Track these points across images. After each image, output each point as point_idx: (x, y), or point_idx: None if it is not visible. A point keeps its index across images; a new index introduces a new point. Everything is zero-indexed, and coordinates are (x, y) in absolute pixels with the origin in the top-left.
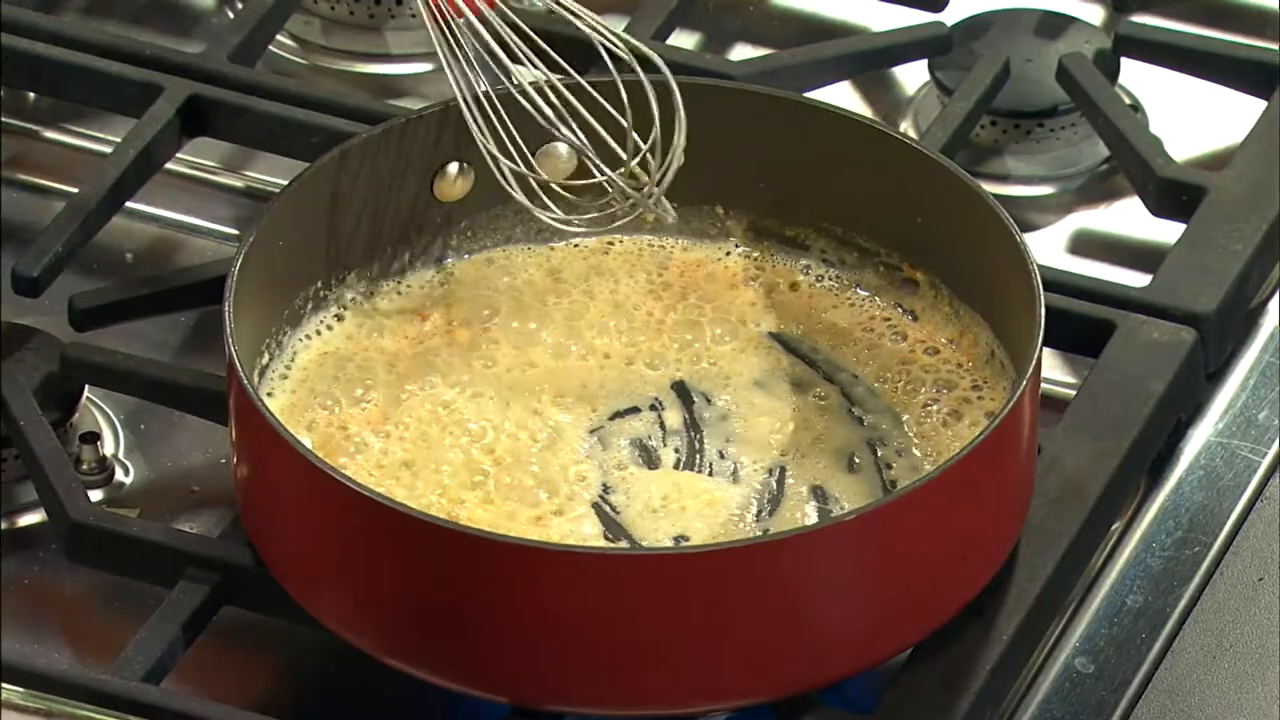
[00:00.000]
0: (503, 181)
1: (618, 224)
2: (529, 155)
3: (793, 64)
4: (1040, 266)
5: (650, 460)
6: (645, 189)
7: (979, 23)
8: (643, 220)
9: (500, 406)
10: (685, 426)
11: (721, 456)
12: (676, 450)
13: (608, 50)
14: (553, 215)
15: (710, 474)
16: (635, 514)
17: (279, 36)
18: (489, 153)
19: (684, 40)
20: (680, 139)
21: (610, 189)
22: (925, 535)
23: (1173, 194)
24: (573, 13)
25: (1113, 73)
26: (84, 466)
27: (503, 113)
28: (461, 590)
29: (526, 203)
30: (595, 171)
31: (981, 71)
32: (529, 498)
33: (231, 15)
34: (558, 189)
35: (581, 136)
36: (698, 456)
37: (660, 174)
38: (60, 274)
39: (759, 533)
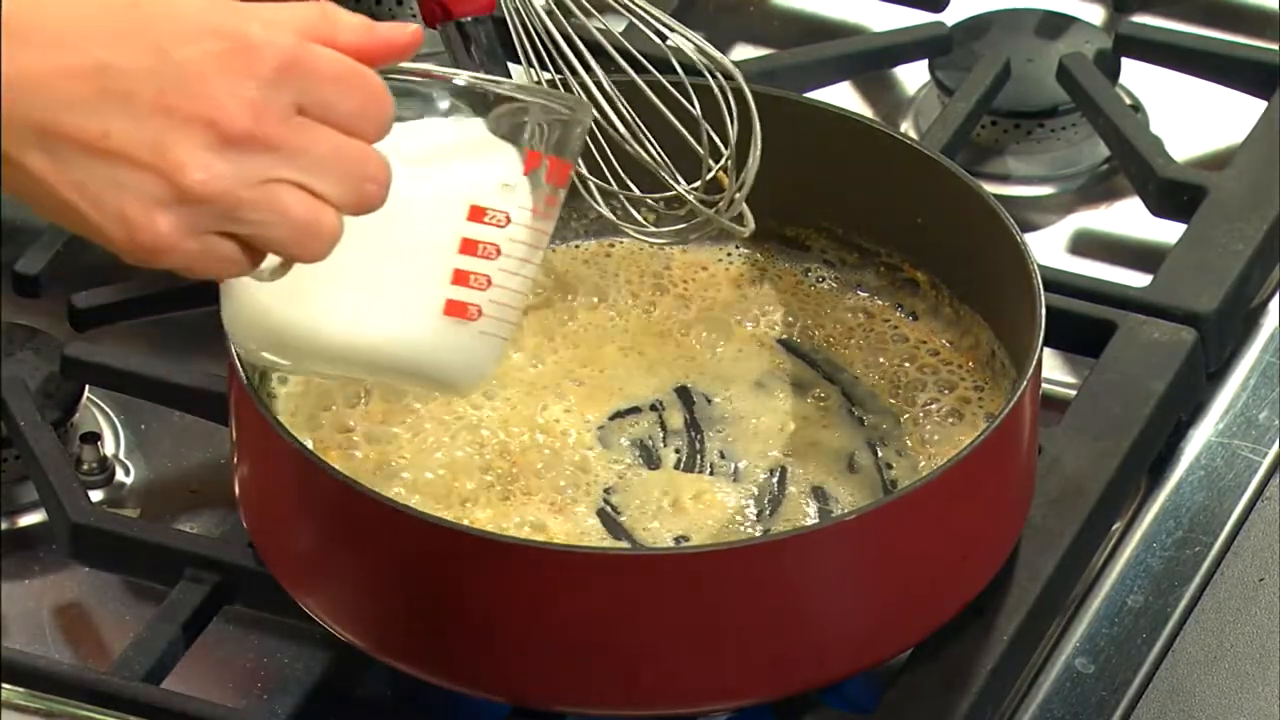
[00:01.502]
0: (588, 198)
1: (697, 235)
2: (619, 170)
3: (793, 64)
4: (1041, 266)
5: (651, 461)
6: (722, 201)
7: (979, 23)
8: (716, 230)
9: (502, 407)
10: (686, 427)
11: (722, 457)
12: (677, 451)
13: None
14: (638, 229)
15: (711, 474)
16: (636, 514)
17: None
18: (576, 173)
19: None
20: (756, 150)
21: (690, 201)
22: (926, 535)
23: (1173, 194)
24: (654, 18)
25: (1113, 73)
26: (84, 467)
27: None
28: (462, 591)
29: (612, 217)
30: (672, 185)
31: (982, 71)
32: (531, 498)
33: None
34: (645, 202)
35: (658, 150)
36: (698, 457)
37: (738, 186)
38: (61, 274)
39: (759, 533)
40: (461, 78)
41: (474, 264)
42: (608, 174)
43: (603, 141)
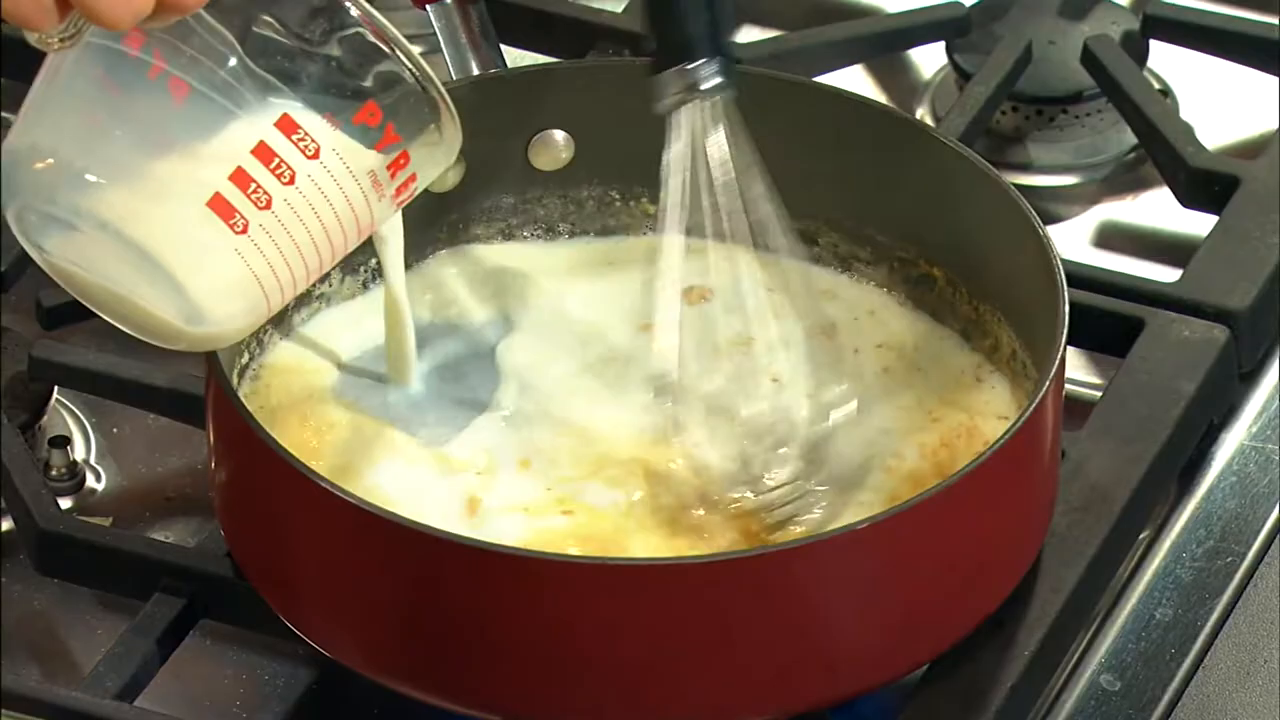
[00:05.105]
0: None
1: None
2: None
3: (803, 46)
4: (1064, 261)
5: None
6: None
7: (999, 3)
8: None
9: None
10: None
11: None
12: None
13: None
14: None
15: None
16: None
17: None
18: None
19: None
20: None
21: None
22: (942, 545)
23: (1204, 184)
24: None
25: (1141, 56)
26: (53, 472)
27: None
28: (453, 603)
29: None
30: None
31: (1002, 55)
32: (535, 498)
33: None
34: None
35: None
36: None
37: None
38: (28, 269)
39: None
40: (358, 10)
41: (261, 174)
42: None
43: None
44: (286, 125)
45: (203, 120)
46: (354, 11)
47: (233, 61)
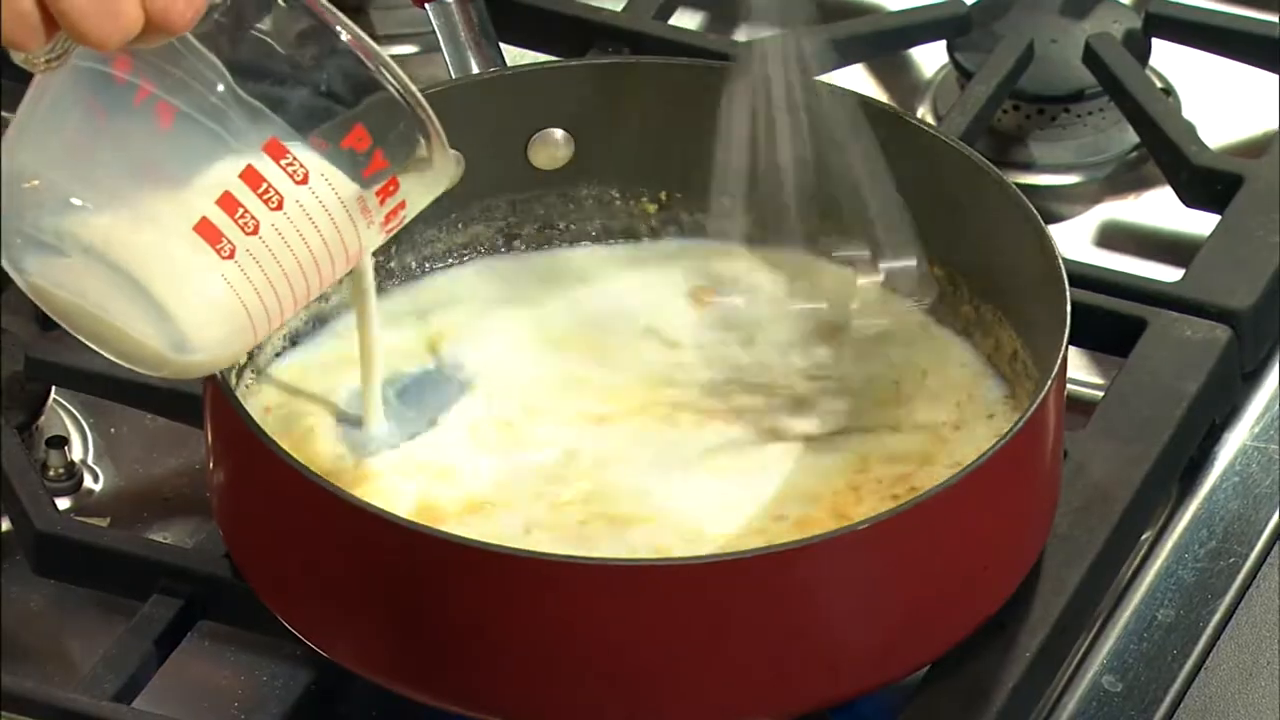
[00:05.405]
0: None
1: None
2: None
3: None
4: (1066, 261)
5: None
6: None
7: (1000, 1)
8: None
9: (503, 406)
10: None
11: None
12: None
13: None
14: None
15: None
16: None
17: None
18: None
19: (687, 20)
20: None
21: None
22: (943, 545)
23: (1207, 183)
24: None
25: (1143, 54)
26: (50, 473)
27: None
28: (453, 603)
29: None
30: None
31: (1003, 53)
32: (535, 505)
33: None
34: None
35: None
36: None
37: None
38: None
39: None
40: (348, 34)
41: (249, 199)
42: None
43: None
44: (275, 150)
45: (190, 144)
46: (344, 35)
47: (220, 86)
